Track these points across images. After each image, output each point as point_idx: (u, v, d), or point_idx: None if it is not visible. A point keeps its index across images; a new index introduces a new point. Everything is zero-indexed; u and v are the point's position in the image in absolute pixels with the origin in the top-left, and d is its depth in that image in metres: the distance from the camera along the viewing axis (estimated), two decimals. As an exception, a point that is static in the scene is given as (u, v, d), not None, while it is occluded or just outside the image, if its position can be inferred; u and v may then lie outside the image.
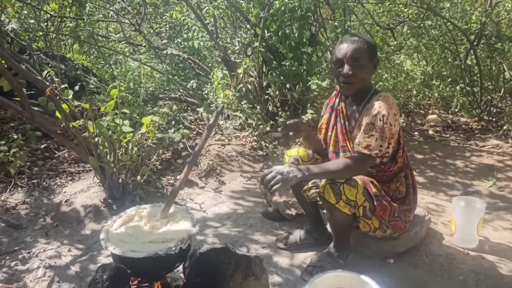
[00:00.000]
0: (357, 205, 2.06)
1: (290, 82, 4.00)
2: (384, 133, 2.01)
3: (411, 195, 2.30)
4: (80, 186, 3.12)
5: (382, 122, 2.01)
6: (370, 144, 2.03)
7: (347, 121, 2.25)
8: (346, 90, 2.16)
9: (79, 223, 2.75)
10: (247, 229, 2.72)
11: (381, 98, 2.07)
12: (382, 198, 2.12)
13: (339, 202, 2.03)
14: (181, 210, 2.05)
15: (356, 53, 2.04)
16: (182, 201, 3.05)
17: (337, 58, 2.10)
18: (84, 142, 2.75)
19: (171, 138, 3.53)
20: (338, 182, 2.03)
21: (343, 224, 2.19)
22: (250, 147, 3.99)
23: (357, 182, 2.06)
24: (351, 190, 2.03)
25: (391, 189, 2.25)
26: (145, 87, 4.54)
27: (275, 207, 2.83)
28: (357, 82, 2.08)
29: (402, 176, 2.28)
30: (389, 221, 2.17)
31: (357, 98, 2.19)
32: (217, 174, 3.50)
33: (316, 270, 2.21)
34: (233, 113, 4.07)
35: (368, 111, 2.08)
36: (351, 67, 2.05)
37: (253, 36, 4.18)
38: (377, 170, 2.20)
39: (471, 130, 4.79)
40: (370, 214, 2.13)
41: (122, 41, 4.95)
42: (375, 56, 2.14)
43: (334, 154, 2.33)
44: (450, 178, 3.56)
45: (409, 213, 2.28)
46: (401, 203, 2.24)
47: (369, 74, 2.15)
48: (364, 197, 2.06)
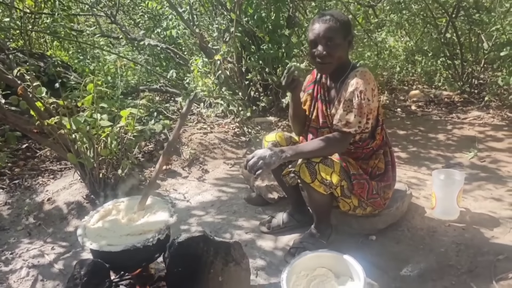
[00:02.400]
0: (333, 185, 2.05)
1: (269, 66, 3.97)
2: (362, 109, 2.01)
3: (390, 172, 2.30)
4: (62, 184, 3.10)
5: (360, 98, 2.00)
6: (349, 121, 2.03)
7: (327, 97, 2.24)
8: (322, 70, 2.15)
9: (62, 221, 2.74)
10: (230, 216, 2.72)
11: (358, 74, 2.05)
12: (359, 177, 2.13)
13: (314, 181, 2.03)
14: (159, 201, 2.05)
15: (328, 33, 2.00)
16: (165, 192, 3.05)
17: (310, 39, 2.07)
18: (61, 139, 2.72)
19: (152, 130, 3.51)
20: (313, 161, 2.04)
21: (321, 203, 2.20)
22: (233, 133, 3.98)
23: (334, 161, 2.07)
24: (326, 170, 2.03)
25: (369, 166, 2.26)
26: (125, 79, 4.50)
27: (257, 192, 2.84)
28: (333, 62, 2.06)
29: (381, 153, 2.29)
30: (368, 198, 2.19)
31: (336, 75, 2.17)
32: (200, 163, 3.49)
33: (299, 251, 2.22)
34: (214, 100, 4.05)
35: (345, 87, 2.07)
36: (324, 47, 2.02)
37: (229, 22, 4.14)
38: (355, 147, 2.21)
39: (453, 103, 4.81)
40: (348, 193, 2.15)
41: (98, 35, 4.87)
42: (349, 32, 2.10)
43: (314, 130, 2.32)
44: (432, 152, 3.58)
45: (388, 190, 2.30)
46: (379, 180, 2.25)
47: (344, 52, 2.11)
48: (341, 176, 2.07)
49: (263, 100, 4.00)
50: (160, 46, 4.63)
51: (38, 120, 2.64)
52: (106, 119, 2.88)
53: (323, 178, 2.03)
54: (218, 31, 4.22)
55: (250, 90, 4.37)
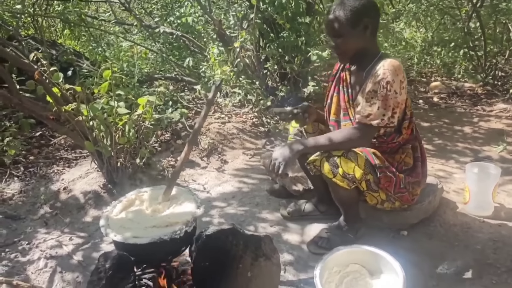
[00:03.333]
0: (356, 180, 1.94)
1: (289, 54, 3.85)
2: (388, 101, 1.88)
3: (419, 168, 2.17)
4: (78, 173, 3.01)
5: (386, 89, 1.87)
6: (371, 113, 1.91)
7: (351, 88, 2.11)
8: (340, 60, 2.10)
9: (79, 211, 2.65)
10: (253, 208, 2.63)
11: (386, 64, 1.90)
12: (386, 169, 1.99)
13: (336, 176, 1.92)
14: (184, 191, 1.95)
15: (332, 25, 1.92)
16: (184, 183, 2.95)
17: (325, 29, 2.07)
18: (78, 126, 2.63)
19: (170, 118, 3.41)
20: (334, 154, 1.93)
21: (346, 198, 2.09)
22: (251, 123, 3.87)
23: (357, 154, 1.94)
24: (348, 163, 1.91)
25: (395, 160, 2.12)
26: (140, 67, 4.40)
27: (281, 183, 2.73)
28: (346, 52, 1.97)
29: (409, 147, 2.15)
30: (395, 193, 2.06)
31: (360, 64, 2.05)
32: (218, 153, 3.39)
33: (322, 241, 2.15)
34: (231, 89, 3.94)
35: (371, 77, 1.94)
36: (333, 37, 1.96)
37: (248, 8, 4.01)
38: (379, 142, 2.08)
39: (477, 95, 4.66)
40: (375, 186, 2.03)
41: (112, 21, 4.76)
42: (360, 19, 1.90)
43: (336, 123, 2.20)
44: (459, 145, 3.45)
45: (417, 186, 2.16)
46: (407, 174, 2.12)
47: (361, 39, 1.95)
48: (365, 170, 1.94)
49: (282, 90, 3.88)
50: (175, 34, 4.51)
51: (55, 107, 2.55)
52: (123, 106, 2.79)
53: (345, 172, 1.91)
54: (236, 18, 4.09)
55: (267, 79, 4.26)
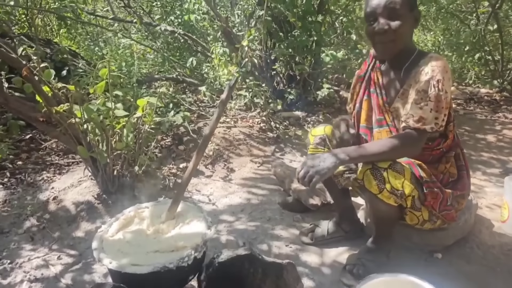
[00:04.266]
0: (404, 195, 1.67)
1: (299, 55, 3.59)
2: (440, 102, 1.61)
3: (465, 178, 1.91)
4: (69, 181, 2.73)
5: (437, 88, 1.60)
6: (423, 116, 1.63)
7: (384, 89, 1.84)
8: (385, 52, 1.73)
9: (69, 224, 2.37)
10: (265, 223, 2.35)
11: (433, 60, 1.65)
12: (433, 185, 1.72)
13: (383, 191, 1.64)
14: (192, 207, 1.68)
15: (391, 2, 1.61)
16: (187, 193, 2.67)
17: (368, 12, 1.68)
18: (71, 129, 2.35)
19: (171, 122, 3.14)
20: (380, 167, 1.64)
21: (387, 217, 1.81)
22: (259, 128, 3.59)
23: (403, 166, 1.68)
24: (397, 177, 1.64)
25: (439, 171, 1.86)
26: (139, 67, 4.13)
27: (295, 196, 2.46)
28: (397, 40, 1.66)
29: (452, 156, 1.89)
30: (441, 210, 1.79)
31: (396, 62, 1.77)
32: (224, 160, 3.12)
33: (357, 269, 1.85)
34: (237, 92, 3.67)
35: (416, 76, 1.68)
36: (387, 19, 1.63)
37: (256, 5, 3.76)
38: (423, 148, 1.79)
39: (495, 102, 4.42)
40: (419, 204, 1.75)
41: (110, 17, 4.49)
42: (415, 5, 1.71)
43: (368, 130, 1.93)
44: (484, 155, 3.20)
45: (462, 200, 1.90)
46: (453, 187, 1.85)
47: (410, 30, 1.73)
48: (412, 184, 1.68)
49: (291, 93, 3.62)
50: (177, 32, 4.24)
51: (45, 107, 2.27)
52: (121, 108, 2.52)
53: (393, 187, 1.63)
54: (243, 16, 3.84)
55: (275, 81, 4.00)
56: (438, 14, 5.87)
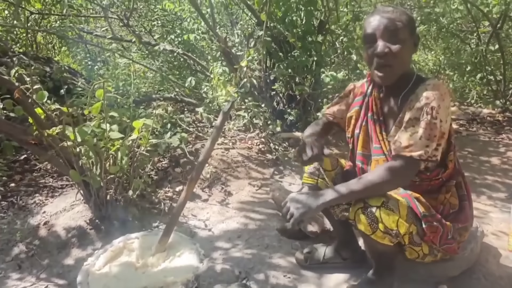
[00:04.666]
0: (399, 235, 1.58)
1: (300, 75, 3.55)
2: (432, 130, 1.53)
3: (467, 209, 1.81)
4: (62, 204, 2.65)
5: (430, 116, 1.52)
6: (411, 143, 1.54)
7: (382, 116, 1.76)
8: (385, 77, 1.63)
9: (60, 251, 2.28)
10: (262, 251, 2.26)
11: (429, 87, 1.57)
12: (432, 219, 1.63)
13: (376, 232, 1.55)
14: (184, 239, 1.60)
15: (392, 24, 1.55)
16: (183, 218, 2.59)
17: (367, 34, 1.60)
18: (63, 152, 2.28)
19: (168, 144, 3.07)
20: (372, 205, 1.55)
21: (384, 254, 1.73)
22: (257, 150, 3.52)
23: (399, 201, 1.58)
24: (391, 216, 1.55)
25: (439, 202, 1.76)
26: (137, 86, 4.09)
27: (294, 222, 2.38)
28: (397, 64, 1.59)
29: (453, 185, 1.79)
30: (441, 244, 1.69)
31: (394, 88, 1.69)
32: (222, 184, 3.04)
33: (352, 301, 1.76)
34: (236, 112, 3.61)
35: (411, 104, 1.59)
36: (387, 42, 1.56)
37: (255, 25, 3.73)
38: (421, 178, 1.72)
39: (498, 123, 4.35)
40: (418, 239, 1.67)
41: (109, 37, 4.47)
42: (415, 30, 1.66)
43: (364, 158, 1.84)
44: (489, 178, 3.11)
45: (465, 232, 1.80)
46: (454, 219, 1.75)
47: (410, 55, 1.66)
48: (409, 220, 1.58)
49: (291, 113, 3.56)
50: (176, 52, 4.21)
51: (36, 130, 2.21)
52: (116, 130, 2.46)
53: (387, 227, 1.54)
54: (242, 36, 3.81)
55: (275, 102, 3.95)
56: (439, 34, 5.85)
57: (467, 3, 4.38)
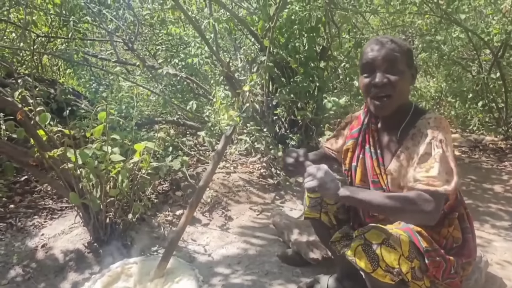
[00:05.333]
0: (402, 273, 1.52)
1: (302, 100, 3.56)
2: (447, 163, 1.49)
3: (471, 242, 1.74)
4: (61, 227, 2.63)
5: (442, 149, 1.50)
6: (432, 177, 1.48)
7: (379, 149, 1.72)
8: (382, 109, 1.60)
9: (57, 275, 2.24)
10: (262, 277, 2.22)
11: (431, 121, 1.56)
12: (434, 254, 1.58)
13: (376, 270, 1.50)
14: (182, 264, 1.58)
15: (391, 55, 1.54)
16: (183, 243, 2.55)
17: (365, 63, 1.59)
18: (64, 175, 2.28)
19: (169, 167, 3.06)
20: (373, 243, 1.50)
21: None
22: (259, 174, 3.51)
23: (400, 237, 1.54)
24: (392, 254, 1.49)
25: (442, 235, 1.71)
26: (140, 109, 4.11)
27: (295, 248, 2.35)
28: (395, 96, 1.56)
29: (455, 217, 1.73)
30: (444, 279, 1.63)
31: (392, 121, 1.66)
32: (222, 208, 3.01)
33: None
34: (238, 136, 3.62)
35: (414, 139, 1.58)
36: (385, 73, 1.54)
37: (258, 51, 3.77)
38: None
39: (501, 150, 4.34)
40: (420, 274, 1.60)
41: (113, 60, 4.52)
42: (413, 62, 1.64)
43: None
44: (492, 206, 3.08)
45: (469, 266, 1.73)
46: (457, 253, 1.69)
47: (408, 87, 1.63)
48: (411, 256, 1.53)
49: (293, 138, 3.56)
50: (180, 76, 4.25)
51: (37, 152, 2.21)
52: (117, 153, 2.46)
53: (389, 265, 1.49)
54: (245, 61, 3.85)
55: (277, 126, 3.96)
56: (440, 61, 5.90)
57: (468, 32, 4.43)
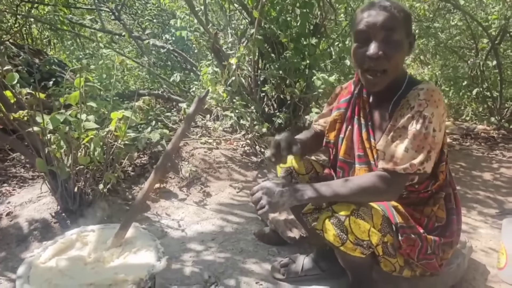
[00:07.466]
0: (372, 245, 1.43)
1: (291, 77, 3.42)
2: (421, 141, 1.38)
3: (454, 224, 1.63)
4: (29, 196, 2.50)
5: (421, 125, 1.38)
6: (395, 154, 1.40)
7: (370, 121, 1.60)
8: (375, 83, 1.47)
9: (19, 244, 2.12)
10: (236, 255, 2.12)
11: (422, 93, 1.42)
12: (409, 231, 1.49)
13: (345, 243, 1.40)
14: (144, 234, 1.45)
15: (389, 23, 1.39)
16: (156, 217, 2.44)
17: (360, 31, 1.43)
18: (30, 139, 2.14)
19: (147, 139, 2.93)
20: (341, 214, 1.40)
21: (358, 266, 1.58)
22: (242, 152, 3.39)
23: (372, 209, 1.44)
24: (362, 225, 1.40)
25: (424, 214, 1.61)
26: (124, 80, 3.95)
27: (272, 226, 2.24)
28: (390, 69, 1.43)
29: (442, 197, 1.63)
30: (419, 259, 1.53)
31: (387, 91, 1.53)
32: (201, 184, 2.89)
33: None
34: (223, 112, 3.48)
35: (402, 111, 1.45)
36: (381, 44, 1.39)
37: (248, 24, 3.62)
38: (408, 191, 1.58)
39: (493, 139, 4.24)
40: (393, 251, 1.51)
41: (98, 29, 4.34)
42: (411, 30, 1.51)
43: (346, 165, 1.67)
44: (480, 194, 2.99)
45: (449, 249, 1.63)
46: (439, 234, 1.59)
47: (404, 57, 1.51)
48: (384, 230, 1.44)
49: (280, 116, 3.43)
50: (167, 48, 4.09)
51: (2, 113, 2.07)
52: (92, 120, 2.32)
53: (358, 238, 1.40)
54: (235, 35, 3.70)
55: (264, 104, 3.82)
56: (437, 49, 5.77)
57: (467, 16, 4.30)
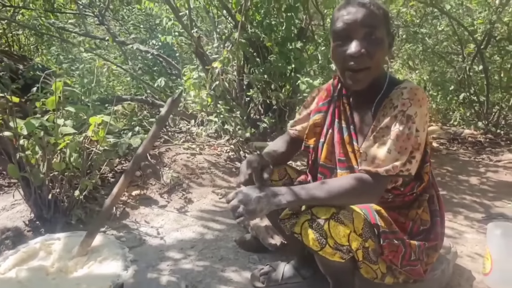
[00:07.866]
0: (352, 250, 1.38)
1: (276, 82, 3.38)
2: (404, 142, 1.33)
3: (438, 226, 1.59)
4: (3, 203, 2.42)
5: (404, 125, 1.33)
6: (377, 156, 1.35)
7: (352, 124, 1.54)
8: (358, 82, 1.41)
9: (-11, 254, 2.04)
10: (215, 263, 2.05)
11: (405, 92, 1.37)
12: (392, 236, 1.42)
13: (325, 248, 1.34)
14: (111, 242, 1.39)
15: (369, 20, 1.34)
16: (135, 224, 2.37)
17: (339, 29, 1.38)
18: (2, 144, 2.07)
19: (129, 145, 2.86)
20: (321, 217, 1.34)
21: (338, 271, 1.51)
22: (226, 157, 3.33)
23: (354, 213, 1.38)
24: (341, 230, 1.33)
25: (409, 218, 1.56)
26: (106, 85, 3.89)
27: (253, 233, 2.18)
28: (373, 67, 1.38)
29: (425, 199, 1.59)
30: (403, 266, 1.47)
31: (368, 92, 1.47)
32: (183, 190, 2.83)
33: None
34: (207, 117, 3.43)
35: (385, 110, 1.40)
36: (362, 42, 1.35)
37: (233, 28, 3.58)
38: (394, 195, 1.52)
39: (479, 143, 4.23)
40: (374, 257, 1.44)
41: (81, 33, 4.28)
42: (390, 28, 1.47)
43: (327, 171, 1.61)
44: (467, 198, 2.95)
45: (434, 253, 1.58)
46: (424, 238, 1.54)
47: (385, 56, 1.46)
48: (365, 235, 1.37)
49: (265, 121, 3.38)
50: (151, 53, 4.03)
51: (-30, 117, 2.00)
52: (70, 125, 2.25)
53: (337, 242, 1.34)
54: (220, 39, 3.65)
55: (249, 109, 3.77)
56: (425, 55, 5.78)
57: (453, 20, 4.30)
